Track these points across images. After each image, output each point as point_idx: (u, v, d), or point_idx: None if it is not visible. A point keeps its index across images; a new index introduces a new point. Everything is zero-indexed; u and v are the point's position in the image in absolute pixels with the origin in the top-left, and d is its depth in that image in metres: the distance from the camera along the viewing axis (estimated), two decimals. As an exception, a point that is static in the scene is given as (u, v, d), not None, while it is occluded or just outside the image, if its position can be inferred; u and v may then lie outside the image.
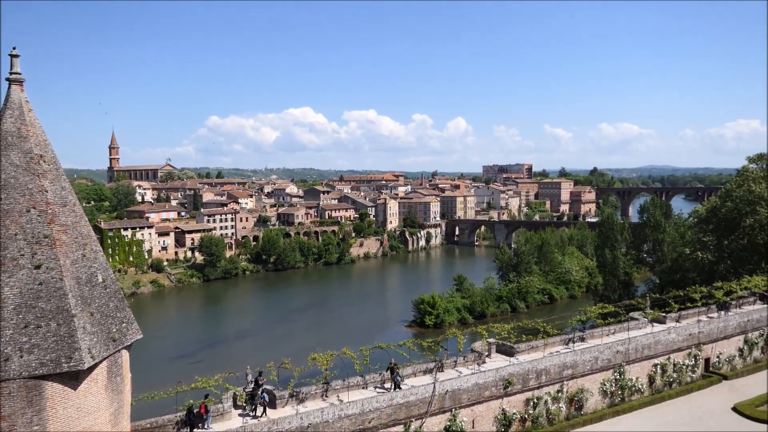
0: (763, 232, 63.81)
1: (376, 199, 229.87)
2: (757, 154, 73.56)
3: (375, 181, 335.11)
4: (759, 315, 47.13)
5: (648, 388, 40.04)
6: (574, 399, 36.48)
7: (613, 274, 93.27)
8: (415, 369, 33.26)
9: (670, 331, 41.56)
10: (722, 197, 72.95)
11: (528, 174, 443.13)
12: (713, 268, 68.84)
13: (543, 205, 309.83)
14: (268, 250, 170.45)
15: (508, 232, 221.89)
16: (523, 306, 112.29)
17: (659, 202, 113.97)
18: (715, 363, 44.01)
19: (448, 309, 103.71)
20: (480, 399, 32.91)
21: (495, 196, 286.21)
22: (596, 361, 37.59)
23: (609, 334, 40.54)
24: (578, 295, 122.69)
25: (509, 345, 36.70)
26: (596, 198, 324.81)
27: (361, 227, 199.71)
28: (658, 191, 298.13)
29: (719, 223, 70.25)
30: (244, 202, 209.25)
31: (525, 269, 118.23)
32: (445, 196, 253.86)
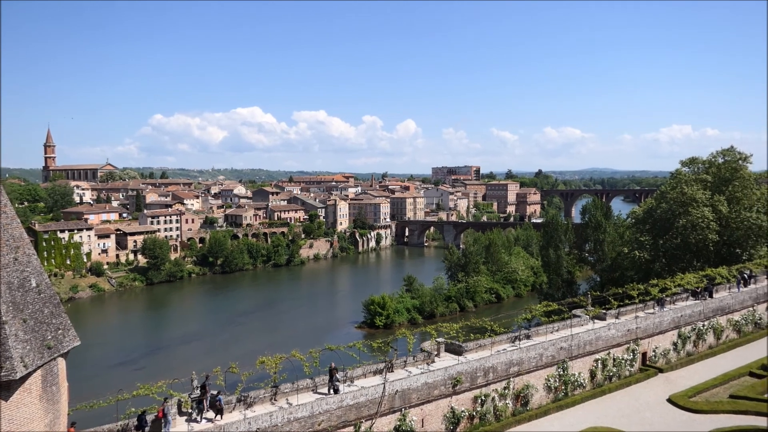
0: (695, 232, 67.30)
1: (326, 201, 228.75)
2: (689, 158, 77.51)
3: (325, 182, 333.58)
4: (691, 311, 49.67)
5: (589, 383, 41.50)
6: (520, 395, 37.40)
7: (557, 273, 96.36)
8: (365, 370, 33.27)
9: (610, 328, 43.22)
10: (657, 199, 76.52)
11: (476, 176, 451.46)
12: (649, 266, 72.10)
13: (490, 206, 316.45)
14: (215, 252, 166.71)
15: (456, 232, 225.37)
16: (471, 305, 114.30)
17: (600, 203, 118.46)
18: (651, 357, 46.07)
19: (398, 309, 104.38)
20: (429, 398, 33.26)
21: (444, 197, 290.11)
22: (541, 358, 38.67)
23: (553, 331, 41.77)
24: (524, 294, 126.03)
25: (458, 344, 37.24)
26: (541, 199, 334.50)
27: (311, 228, 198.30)
28: (599, 193, 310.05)
29: (655, 224, 73.63)
30: (189, 203, 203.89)
31: (473, 269, 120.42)
32: (395, 198, 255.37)
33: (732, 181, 70.73)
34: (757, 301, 56.24)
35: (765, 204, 68.84)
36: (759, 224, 66.58)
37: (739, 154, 72.52)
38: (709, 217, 66.51)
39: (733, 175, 71.06)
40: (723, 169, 72.19)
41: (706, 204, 67.68)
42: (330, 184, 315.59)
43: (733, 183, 70.52)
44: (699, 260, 69.20)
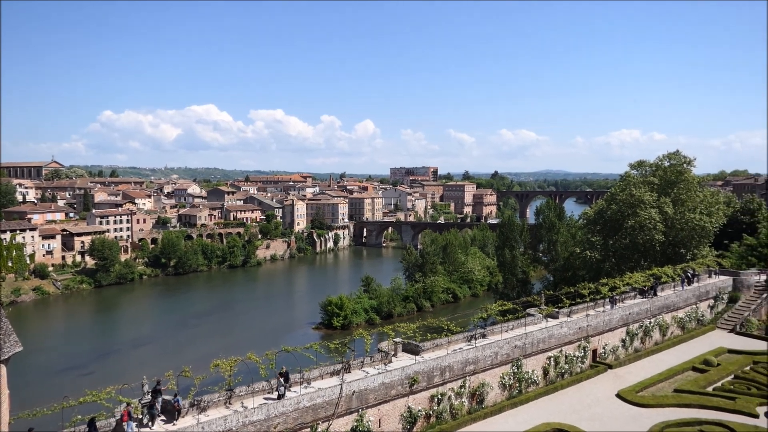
0: (643, 233, 69.79)
1: (283, 201, 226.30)
2: (638, 161, 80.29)
3: (282, 181, 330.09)
4: (638, 308, 51.49)
5: (543, 380, 42.44)
6: (476, 393, 37.90)
7: (512, 272, 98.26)
8: (322, 371, 33.03)
9: (562, 326, 44.32)
10: (608, 200, 78.96)
11: (434, 177, 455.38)
12: (600, 265, 74.37)
13: (448, 207, 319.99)
14: (167, 253, 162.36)
15: (414, 233, 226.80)
16: (428, 305, 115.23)
17: (553, 204, 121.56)
18: (601, 353, 47.51)
19: (355, 310, 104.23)
20: (386, 398, 33.29)
21: (402, 198, 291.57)
22: (496, 356, 39.30)
23: (508, 330, 42.51)
24: (480, 294, 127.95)
25: (415, 344, 37.44)
26: (497, 200, 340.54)
27: (268, 229, 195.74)
28: (553, 194, 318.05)
29: (605, 224, 75.98)
30: (141, 202, 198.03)
31: (430, 269, 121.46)
32: (353, 198, 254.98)
33: (677, 183, 73.66)
34: (699, 298, 58.79)
35: (707, 206, 72.02)
36: (702, 225, 69.61)
37: (684, 157, 75.62)
38: (656, 218, 69.10)
39: (678, 177, 74.01)
40: (669, 172, 75.09)
41: (653, 205, 70.27)
42: (287, 183, 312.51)
43: (678, 185, 73.45)
44: (646, 260, 71.78)
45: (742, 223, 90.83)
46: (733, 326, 57.09)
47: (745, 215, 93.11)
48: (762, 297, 59.48)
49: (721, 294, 61.10)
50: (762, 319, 57.86)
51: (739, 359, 47.05)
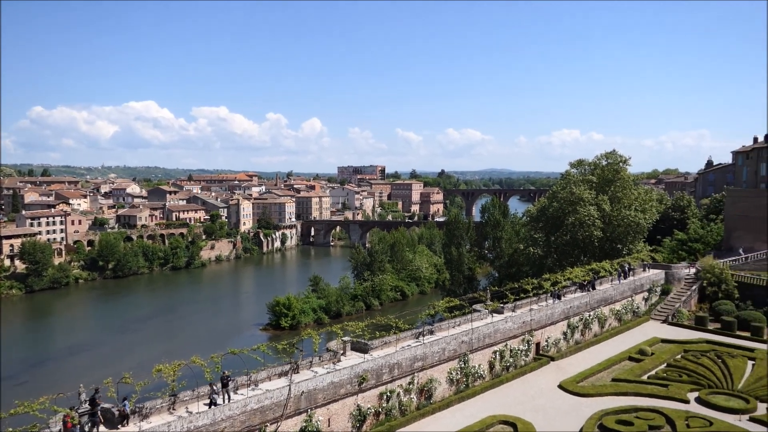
0: (582, 229, 72.43)
1: (228, 200, 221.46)
2: (577, 160, 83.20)
3: (227, 180, 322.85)
4: (579, 302, 53.45)
5: (489, 374, 43.40)
6: (425, 389, 38.33)
7: (459, 269, 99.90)
8: (270, 372, 32.57)
9: (507, 320, 45.45)
10: (549, 198, 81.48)
11: (381, 175, 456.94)
12: (543, 261, 76.73)
13: (395, 205, 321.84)
14: (105, 256, 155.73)
15: (362, 232, 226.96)
16: (377, 303, 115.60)
17: (498, 202, 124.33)
18: (544, 346, 49.02)
19: (304, 310, 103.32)
20: (336, 397, 33.19)
21: (350, 196, 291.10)
22: (444, 352, 39.86)
23: (455, 326, 43.19)
24: (428, 291, 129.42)
25: (363, 342, 37.48)
26: (444, 199, 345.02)
27: (213, 229, 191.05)
28: (498, 193, 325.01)
29: (547, 222, 78.38)
30: (76, 203, 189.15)
31: (379, 268, 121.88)
32: (300, 197, 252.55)
33: (614, 181, 76.84)
34: (635, 291, 61.59)
35: (641, 203, 75.50)
36: (637, 222, 72.92)
37: (620, 157, 78.96)
38: (595, 215, 71.87)
39: (615, 176, 77.20)
40: (606, 171, 78.21)
41: (592, 203, 73.04)
42: (233, 182, 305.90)
43: (615, 183, 76.63)
44: (586, 255, 74.56)
45: (673, 219, 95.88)
46: (666, 317, 60.12)
47: (675, 212, 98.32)
48: (691, 289, 62.91)
49: (654, 287, 64.19)
50: (692, 310, 61.22)
51: (671, 348, 49.59)
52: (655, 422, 34.19)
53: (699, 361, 45.53)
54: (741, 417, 35.55)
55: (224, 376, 29.59)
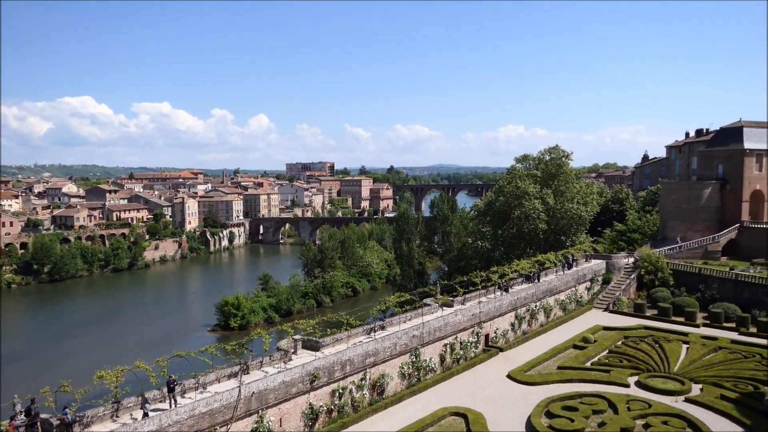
0: (528, 222, 74.35)
1: (172, 199, 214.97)
2: (522, 155, 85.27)
3: (171, 178, 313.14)
4: (525, 293, 54.85)
5: (440, 366, 43.95)
6: (377, 384, 38.42)
7: (409, 264, 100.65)
8: (219, 374, 31.83)
9: (457, 313, 46.13)
10: (496, 193, 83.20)
11: (330, 172, 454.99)
12: (491, 254, 78.29)
13: (345, 201, 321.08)
14: (40, 259, 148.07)
15: (312, 229, 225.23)
16: (328, 300, 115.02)
17: (447, 197, 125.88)
18: (493, 338, 50.06)
19: (253, 309, 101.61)
20: (287, 396, 32.80)
21: (299, 193, 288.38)
22: (395, 347, 40.07)
23: (406, 320, 43.48)
24: (379, 286, 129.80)
25: (315, 340, 37.19)
26: (393, 194, 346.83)
27: (156, 229, 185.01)
28: (446, 188, 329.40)
29: (494, 215, 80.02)
30: (7, 203, 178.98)
31: (329, 264, 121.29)
32: (248, 195, 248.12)
33: (557, 176, 79.21)
34: (578, 281, 63.75)
35: (583, 196, 78.16)
36: (579, 214, 75.47)
37: (563, 152, 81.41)
38: (539, 208, 73.90)
39: (558, 170, 79.57)
40: (550, 165, 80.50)
41: (537, 197, 75.06)
42: (177, 180, 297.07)
43: (558, 178, 79.01)
44: (531, 247, 76.62)
45: (612, 211, 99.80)
46: (607, 305, 62.56)
47: (615, 204, 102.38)
48: (630, 278, 65.69)
49: (596, 276, 66.65)
50: (631, 298, 63.95)
51: (612, 335, 51.65)
52: (598, 407, 35.54)
53: (638, 347, 47.61)
54: (677, 398, 37.43)
55: (170, 380, 28.69)
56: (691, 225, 76.68)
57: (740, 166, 75.60)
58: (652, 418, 33.68)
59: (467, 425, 34.06)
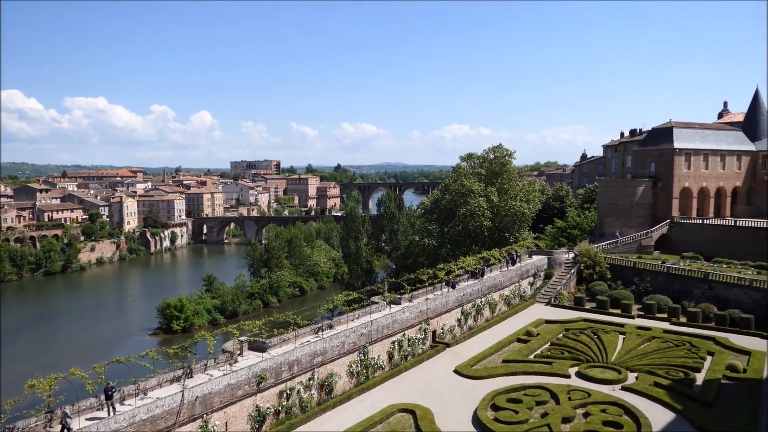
0: (473, 220, 75.76)
1: (109, 198, 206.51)
2: (467, 154, 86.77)
3: (108, 177, 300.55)
4: (471, 289, 55.83)
5: (388, 364, 44.12)
6: (325, 384, 38.17)
7: (357, 263, 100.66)
8: (161, 379, 30.75)
9: (405, 311, 46.43)
10: (442, 191, 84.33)
11: (276, 170, 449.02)
12: (437, 252, 79.30)
13: (292, 200, 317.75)
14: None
15: (258, 228, 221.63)
16: (275, 300, 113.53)
17: (394, 196, 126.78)
18: (440, 334, 50.70)
19: (197, 311, 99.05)
20: (233, 399, 32.08)
21: (244, 192, 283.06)
22: (343, 346, 39.92)
23: (354, 319, 43.38)
24: (326, 285, 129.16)
25: (261, 341, 36.54)
26: (340, 193, 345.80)
27: (92, 229, 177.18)
28: (393, 186, 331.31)
29: (441, 213, 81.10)
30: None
31: (276, 264, 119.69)
32: (191, 193, 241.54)
33: (501, 174, 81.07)
34: (521, 277, 65.44)
35: (526, 194, 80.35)
36: (522, 211, 77.55)
37: (506, 150, 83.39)
38: (484, 206, 75.44)
39: (501, 169, 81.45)
40: (494, 164, 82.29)
41: (482, 195, 76.60)
42: (114, 179, 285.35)
43: (501, 176, 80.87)
44: (477, 244, 78.13)
45: (553, 208, 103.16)
46: (549, 299, 64.56)
47: (556, 201, 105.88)
48: (571, 272, 68.04)
49: (538, 272, 68.64)
50: (571, 291, 66.23)
51: (554, 328, 53.34)
52: (541, 398, 36.61)
53: (578, 339, 49.37)
54: (614, 387, 39.05)
55: (108, 387, 27.49)
56: (627, 221, 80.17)
57: (670, 165, 79.62)
58: (591, 407, 34.98)
59: (415, 421, 34.34)
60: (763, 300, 53.84)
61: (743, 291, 55.56)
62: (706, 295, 58.12)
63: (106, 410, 27.12)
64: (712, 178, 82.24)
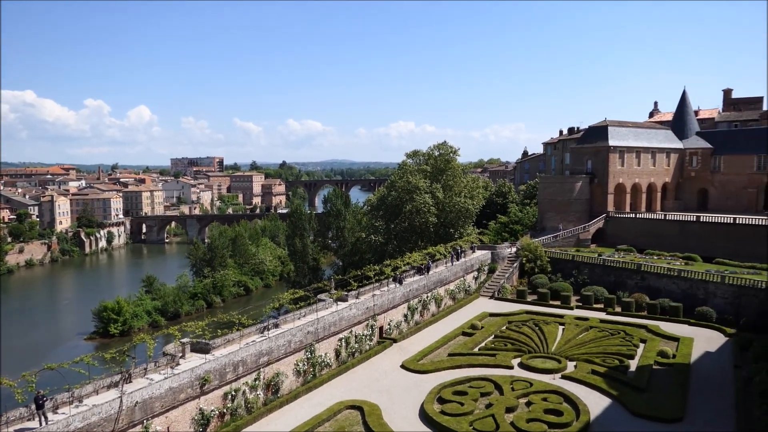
0: (419, 216, 76.53)
1: (39, 197, 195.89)
2: (413, 151, 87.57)
3: (38, 174, 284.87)
4: (417, 285, 56.40)
5: (335, 361, 43.97)
6: (271, 384, 37.63)
7: (303, 260, 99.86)
8: (97, 386, 29.43)
9: (352, 308, 46.38)
10: (388, 187, 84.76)
11: (219, 167, 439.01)
12: (384, 248, 79.68)
13: (236, 198, 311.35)
14: None
15: (201, 226, 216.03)
16: (219, 300, 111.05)
17: (340, 193, 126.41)
18: (387, 329, 50.97)
19: (136, 314, 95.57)
20: (175, 403, 31.11)
21: (186, 190, 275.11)
22: (290, 345, 39.46)
23: (300, 317, 42.95)
24: (272, 284, 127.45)
25: (205, 342, 35.60)
26: (286, 190, 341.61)
27: (21, 230, 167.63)
28: (339, 183, 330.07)
29: (387, 210, 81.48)
30: None
31: (220, 263, 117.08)
32: (128, 191, 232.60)
33: (446, 171, 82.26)
34: (466, 271, 66.67)
35: (470, 190, 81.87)
36: (466, 207, 78.98)
37: (451, 147, 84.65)
38: (429, 202, 76.35)
39: (446, 165, 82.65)
40: (439, 161, 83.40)
41: (427, 191, 77.47)
42: (44, 177, 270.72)
43: (446, 173, 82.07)
44: (422, 240, 79.01)
45: (497, 204, 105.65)
46: (493, 293, 66.09)
47: (498, 197, 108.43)
48: (513, 266, 69.87)
49: (482, 266, 70.12)
50: (514, 285, 68.04)
51: (498, 321, 54.66)
52: (486, 389, 37.45)
53: (521, 330, 50.80)
54: (555, 376, 40.43)
55: (38, 396, 26.07)
56: (565, 216, 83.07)
57: (606, 162, 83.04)
58: (533, 396, 36.07)
59: (363, 417, 34.38)
60: (690, 289, 57.08)
61: (672, 281, 58.71)
62: (639, 285, 61.03)
63: (37, 420, 25.75)
64: (644, 174, 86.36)
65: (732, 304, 53.42)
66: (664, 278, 59.59)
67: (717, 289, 55.07)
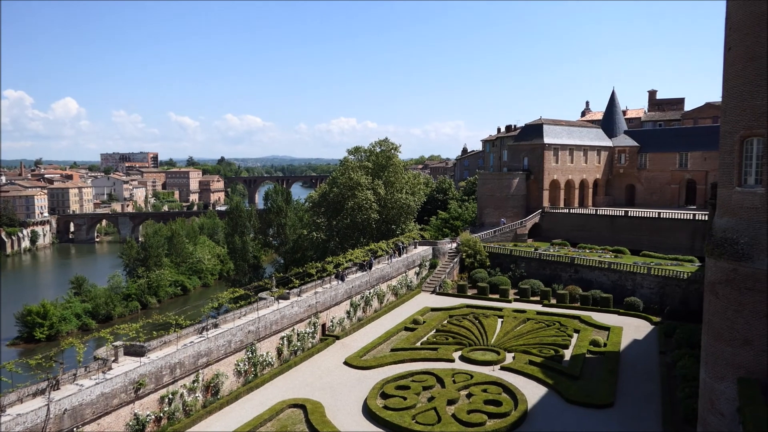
0: (361, 212, 76.56)
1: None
2: (354, 147, 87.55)
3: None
4: (360, 281, 56.43)
5: (277, 360, 43.35)
6: (211, 385, 36.67)
7: (244, 258, 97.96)
8: (21, 394, 27.72)
9: (293, 305, 45.84)
10: (330, 184, 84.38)
11: (154, 163, 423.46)
12: (326, 245, 79.29)
13: (172, 195, 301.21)
14: None
15: (134, 225, 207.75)
16: (154, 301, 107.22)
17: (281, 189, 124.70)
18: (330, 327, 50.74)
19: (64, 317, 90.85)
20: (108, 409, 29.75)
21: (117, 186, 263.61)
22: (230, 345, 38.57)
23: (241, 316, 42.05)
24: (211, 283, 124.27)
25: (139, 345, 34.21)
26: (225, 187, 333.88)
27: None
28: (280, 180, 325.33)
29: (329, 206, 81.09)
30: None
31: (155, 263, 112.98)
32: (54, 188, 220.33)
33: (387, 167, 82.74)
34: (408, 267, 67.30)
35: (411, 187, 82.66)
36: (408, 204, 79.70)
37: (392, 144, 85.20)
38: (371, 199, 76.52)
39: (388, 162, 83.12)
40: (380, 157, 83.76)
41: (369, 188, 77.62)
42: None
43: (388, 169, 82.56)
44: (365, 236, 79.17)
45: (437, 200, 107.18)
46: (434, 288, 67.06)
47: (439, 194, 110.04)
48: (454, 261, 71.13)
49: (424, 262, 71.00)
50: (455, 280, 69.28)
51: (439, 315, 55.50)
52: (428, 383, 37.96)
53: (461, 324, 51.80)
54: (494, 368, 41.49)
55: None
56: (504, 211, 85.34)
57: (541, 159, 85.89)
58: (473, 388, 36.88)
59: (306, 415, 34.09)
60: (619, 280, 60.00)
61: (603, 273, 61.51)
62: (572, 278, 63.58)
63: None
64: (576, 171, 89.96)
65: (657, 294, 56.57)
66: (595, 271, 62.31)
67: (644, 281, 58.14)
